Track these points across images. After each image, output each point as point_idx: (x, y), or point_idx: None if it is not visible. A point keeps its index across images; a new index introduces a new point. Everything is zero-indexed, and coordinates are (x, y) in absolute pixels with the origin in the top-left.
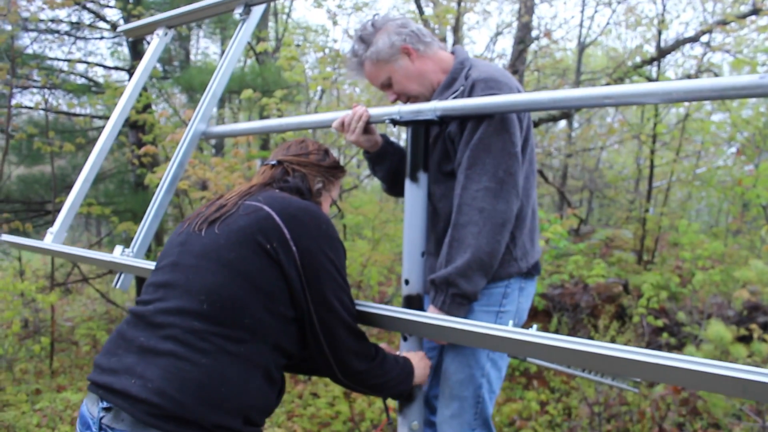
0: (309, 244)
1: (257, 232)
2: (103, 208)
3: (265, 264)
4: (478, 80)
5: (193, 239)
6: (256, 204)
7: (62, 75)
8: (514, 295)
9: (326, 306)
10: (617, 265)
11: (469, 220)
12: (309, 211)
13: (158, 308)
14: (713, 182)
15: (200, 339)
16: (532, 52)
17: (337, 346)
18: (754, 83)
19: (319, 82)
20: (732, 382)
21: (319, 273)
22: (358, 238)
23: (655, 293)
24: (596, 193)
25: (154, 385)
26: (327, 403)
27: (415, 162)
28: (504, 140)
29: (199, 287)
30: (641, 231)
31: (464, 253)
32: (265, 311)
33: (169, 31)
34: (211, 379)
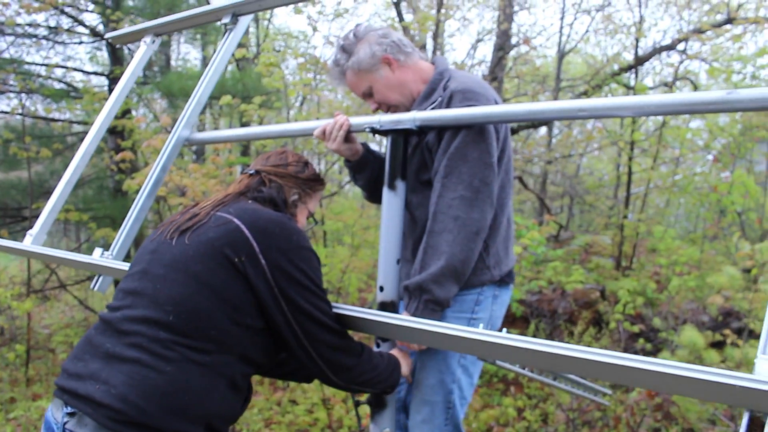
0: (278, 256)
1: (225, 245)
2: (81, 214)
3: (232, 277)
4: (455, 91)
5: (164, 248)
6: (227, 216)
7: (40, 80)
8: (487, 303)
9: (305, 314)
10: (595, 271)
11: (443, 227)
12: (279, 223)
13: (126, 315)
14: (690, 189)
15: (165, 348)
16: (512, 59)
17: (323, 348)
18: (722, 99)
19: (299, 88)
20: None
21: (291, 284)
22: (338, 245)
23: (632, 299)
24: (576, 200)
25: (117, 390)
26: (305, 410)
27: (393, 170)
28: (481, 150)
29: (166, 298)
30: (619, 237)
31: (438, 260)
32: (231, 323)
33: (157, 38)
34: (174, 387)
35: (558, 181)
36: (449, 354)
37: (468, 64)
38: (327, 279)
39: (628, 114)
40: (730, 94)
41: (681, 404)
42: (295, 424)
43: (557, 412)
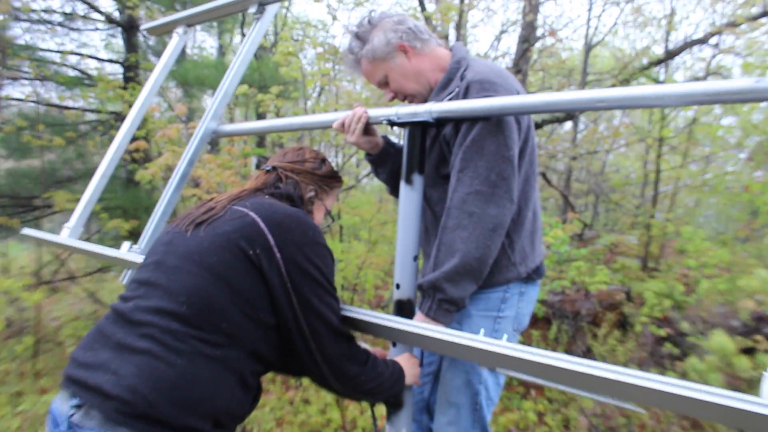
0: (294, 251)
1: (241, 238)
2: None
3: (247, 270)
4: (472, 82)
5: (179, 240)
6: (243, 209)
7: (54, 67)
8: (514, 300)
9: (314, 312)
10: (621, 272)
11: (458, 224)
12: (295, 218)
13: (138, 306)
14: (721, 188)
15: (177, 340)
16: (537, 51)
17: (329, 351)
18: (749, 88)
19: (317, 78)
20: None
21: (305, 280)
22: (354, 240)
23: (659, 301)
24: (602, 198)
25: (127, 381)
26: (318, 410)
27: (410, 164)
28: (498, 143)
29: (179, 289)
30: (646, 237)
31: (452, 257)
32: (244, 317)
33: (189, 29)
34: (184, 381)
35: (583, 178)
36: None
37: (491, 55)
38: (343, 275)
39: (647, 105)
40: (759, 82)
41: None
42: (308, 425)
43: (580, 417)
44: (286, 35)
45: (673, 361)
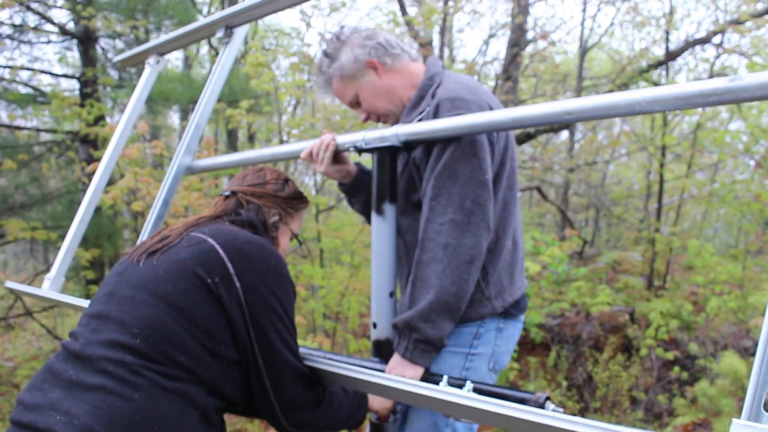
0: (254, 280)
1: (198, 265)
2: (49, 232)
3: (205, 299)
4: (443, 100)
5: (132, 270)
6: (201, 236)
7: (3, 83)
8: (490, 336)
9: (272, 348)
10: (624, 291)
11: (432, 257)
12: (257, 246)
13: (90, 340)
14: (729, 198)
15: (132, 373)
16: (528, 56)
17: (284, 393)
18: (724, 88)
19: (291, 90)
20: None
21: (265, 311)
22: (336, 264)
23: (665, 322)
24: (603, 212)
25: (80, 422)
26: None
27: (381, 192)
28: (472, 166)
29: (133, 320)
30: (651, 253)
31: (427, 294)
32: (203, 350)
33: (161, 58)
34: (142, 416)
35: (582, 191)
36: None
37: (479, 62)
38: (324, 303)
39: (618, 113)
40: (733, 80)
41: None
42: None
43: None
44: (257, 44)
45: (681, 386)
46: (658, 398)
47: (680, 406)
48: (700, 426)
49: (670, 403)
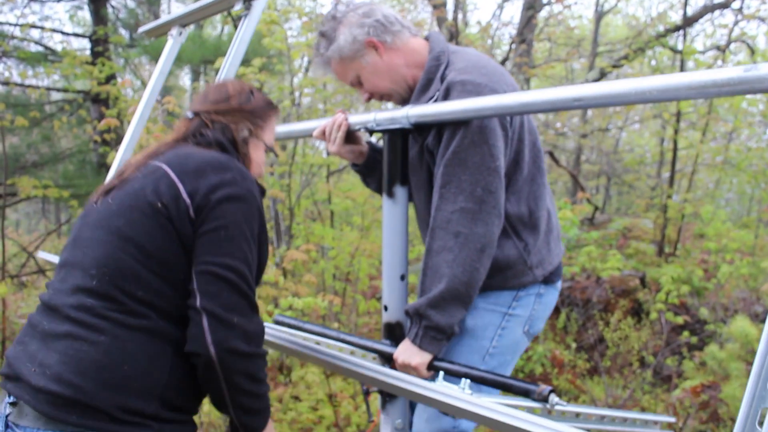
0: (207, 196)
1: (150, 193)
2: (61, 190)
3: (157, 226)
4: (454, 83)
5: (92, 211)
6: (155, 164)
7: (14, 41)
8: (529, 300)
9: (220, 266)
10: (635, 257)
11: (443, 246)
12: (213, 163)
13: (57, 289)
14: (743, 165)
15: (95, 316)
16: (543, 20)
17: (215, 302)
18: (737, 78)
19: (303, 49)
20: None
21: (217, 229)
22: (346, 226)
23: (676, 287)
24: (614, 179)
25: (52, 371)
26: (309, 407)
27: (391, 175)
28: (482, 154)
29: (90, 261)
30: (662, 219)
31: (438, 283)
32: (162, 282)
33: (183, 29)
34: (110, 358)
35: (594, 159)
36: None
37: (493, 25)
38: (335, 264)
39: (628, 101)
40: (748, 71)
41: (731, 404)
42: (298, 422)
43: None
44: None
45: (691, 350)
46: (667, 362)
47: (689, 369)
48: (709, 388)
49: (679, 366)
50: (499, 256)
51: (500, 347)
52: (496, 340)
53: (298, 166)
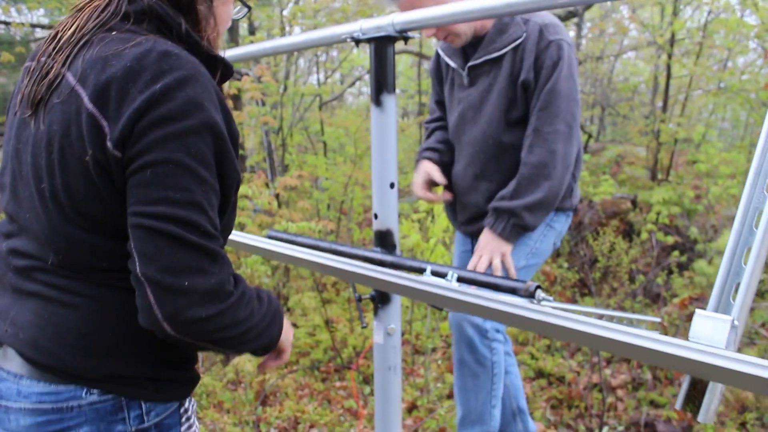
0: (132, 129)
1: (73, 141)
2: None
3: (93, 188)
4: (545, 25)
5: (23, 144)
6: (69, 79)
7: None
8: (562, 218)
9: (153, 217)
10: (628, 183)
11: (541, 160)
12: (137, 71)
13: (10, 247)
14: (736, 87)
15: (65, 278)
16: None
17: (156, 263)
18: None
19: None
20: (629, 348)
21: (143, 168)
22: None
23: (667, 209)
24: (608, 110)
25: (26, 335)
26: (306, 333)
27: (378, 83)
28: (571, 86)
29: (38, 233)
30: (655, 144)
31: (535, 191)
32: (124, 245)
33: None
34: (92, 323)
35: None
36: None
37: None
38: (329, 194)
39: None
40: None
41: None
42: (296, 347)
43: None
44: None
45: (681, 269)
46: (657, 280)
47: (679, 287)
48: (696, 300)
49: (668, 282)
50: None
51: (539, 250)
52: (538, 243)
53: (290, 97)
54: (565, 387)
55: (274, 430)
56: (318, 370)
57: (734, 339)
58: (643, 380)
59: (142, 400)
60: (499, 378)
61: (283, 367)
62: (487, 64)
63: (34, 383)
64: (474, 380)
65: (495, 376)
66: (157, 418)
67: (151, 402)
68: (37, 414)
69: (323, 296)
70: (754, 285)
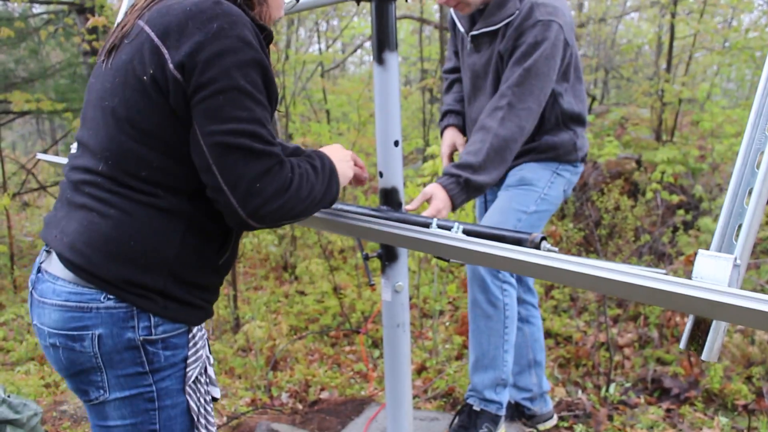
0: (194, 59)
1: (137, 65)
2: (55, 103)
3: (149, 102)
4: (537, 3)
5: (96, 79)
6: (140, 24)
7: None
8: (571, 168)
9: (212, 118)
10: (632, 144)
11: (511, 135)
12: (195, 14)
13: (73, 165)
14: (740, 45)
15: (106, 191)
16: None
17: (233, 173)
18: None
19: None
20: (632, 289)
21: (214, 94)
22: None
23: (671, 167)
24: (612, 73)
25: (68, 239)
26: (315, 300)
27: (380, 41)
28: (549, 66)
29: (95, 144)
30: (659, 104)
31: (499, 166)
32: (165, 158)
33: None
34: (119, 232)
35: (591, 53)
36: (514, 207)
37: None
38: None
39: None
40: None
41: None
42: (305, 314)
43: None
44: None
45: (685, 227)
46: (663, 239)
47: (684, 244)
48: None
49: (673, 240)
50: (555, 140)
51: (548, 196)
52: (547, 189)
53: (292, 66)
54: (573, 346)
55: (285, 393)
56: (327, 335)
57: (737, 277)
58: (649, 338)
59: (151, 313)
60: (511, 322)
61: (292, 333)
62: (486, 36)
63: (66, 284)
64: (486, 321)
65: (507, 319)
66: (164, 335)
67: (159, 317)
68: (64, 310)
69: (330, 263)
70: (756, 225)
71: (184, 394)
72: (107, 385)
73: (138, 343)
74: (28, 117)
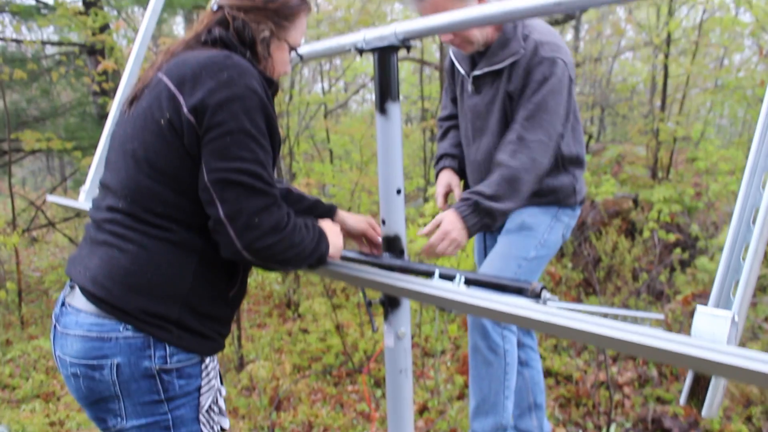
0: (205, 103)
1: (155, 110)
2: (65, 142)
3: (165, 144)
4: (542, 42)
5: (118, 127)
6: (159, 75)
7: None
8: (569, 212)
9: (217, 157)
10: (629, 182)
11: (522, 166)
12: (208, 65)
13: (97, 206)
14: (732, 84)
15: (124, 228)
16: None
17: (234, 207)
18: None
19: None
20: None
21: (213, 127)
22: (345, 163)
23: (667, 206)
24: (608, 110)
25: (91, 273)
26: (318, 338)
27: (383, 92)
28: (559, 102)
29: (117, 185)
30: (654, 143)
31: (513, 196)
32: (178, 196)
33: None
34: (137, 265)
35: (587, 91)
36: (514, 255)
37: None
38: (336, 201)
39: (608, 2)
40: None
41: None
42: (308, 352)
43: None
44: None
45: (683, 265)
46: (660, 278)
47: (682, 283)
48: (699, 296)
49: (670, 279)
50: (555, 183)
51: (548, 241)
52: (546, 234)
53: (296, 106)
54: (573, 385)
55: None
56: (330, 374)
57: (735, 334)
58: (649, 377)
59: (167, 342)
60: (511, 368)
61: (295, 372)
62: (489, 75)
63: (88, 316)
64: (487, 368)
65: (508, 366)
66: (179, 364)
67: (174, 347)
68: (86, 340)
69: (333, 302)
70: (753, 281)
71: (198, 423)
72: (125, 413)
73: (154, 371)
74: (38, 153)
